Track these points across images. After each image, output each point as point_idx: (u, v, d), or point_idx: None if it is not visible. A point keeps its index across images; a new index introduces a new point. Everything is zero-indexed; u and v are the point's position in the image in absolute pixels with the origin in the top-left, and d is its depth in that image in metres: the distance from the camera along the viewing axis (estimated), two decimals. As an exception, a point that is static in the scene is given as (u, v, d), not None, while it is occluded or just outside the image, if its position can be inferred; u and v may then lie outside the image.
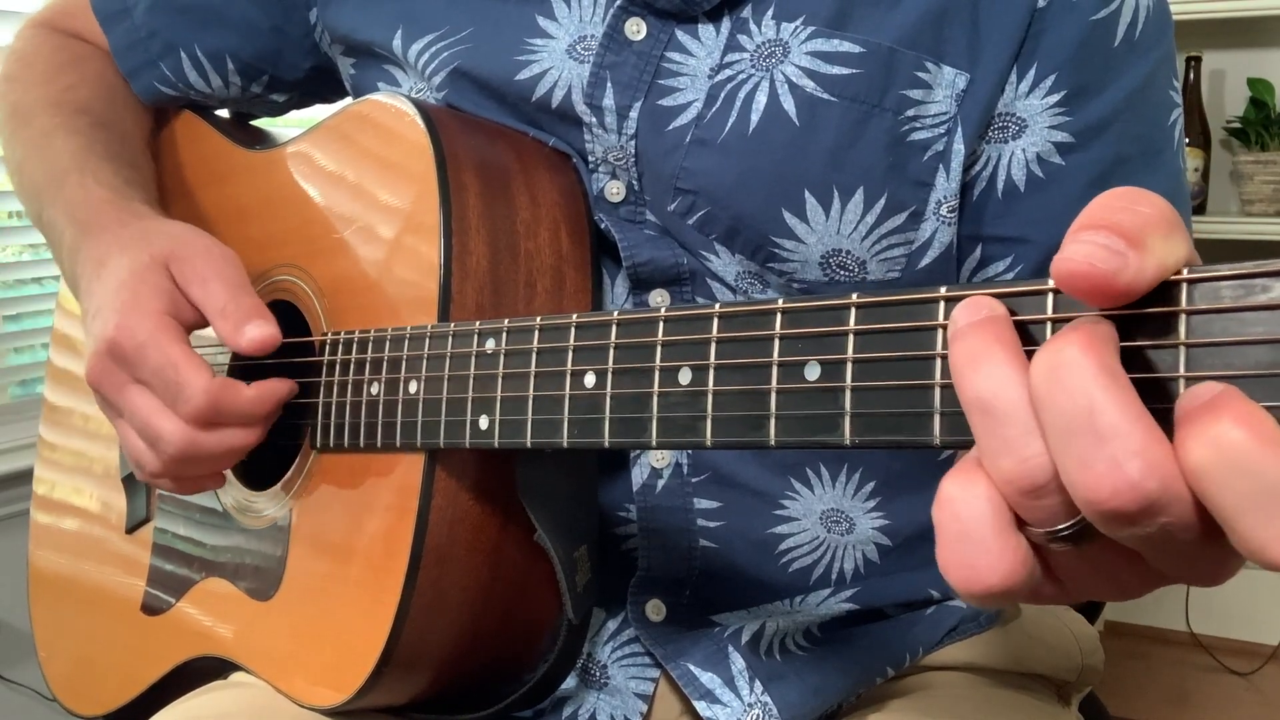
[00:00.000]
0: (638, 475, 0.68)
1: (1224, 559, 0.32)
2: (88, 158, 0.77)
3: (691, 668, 0.68)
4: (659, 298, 0.68)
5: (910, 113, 0.63)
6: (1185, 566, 0.33)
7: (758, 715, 0.66)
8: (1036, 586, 0.35)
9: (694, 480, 0.68)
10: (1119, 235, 0.31)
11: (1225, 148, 2.29)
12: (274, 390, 0.66)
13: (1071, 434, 0.30)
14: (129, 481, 0.86)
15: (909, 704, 0.70)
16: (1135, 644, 2.38)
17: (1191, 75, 2.20)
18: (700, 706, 0.67)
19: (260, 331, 0.64)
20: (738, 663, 0.68)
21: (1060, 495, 0.32)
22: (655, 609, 0.69)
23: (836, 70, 0.63)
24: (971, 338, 0.33)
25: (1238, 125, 2.21)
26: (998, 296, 0.35)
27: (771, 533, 0.69)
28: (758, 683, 0.67)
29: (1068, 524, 0.32)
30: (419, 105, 0.66)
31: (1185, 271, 0.31)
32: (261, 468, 0.74)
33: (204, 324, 0.67)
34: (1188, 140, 2.18)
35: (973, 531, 0.33)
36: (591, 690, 0.70)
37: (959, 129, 0.64)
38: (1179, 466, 0.29)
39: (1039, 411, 0.31)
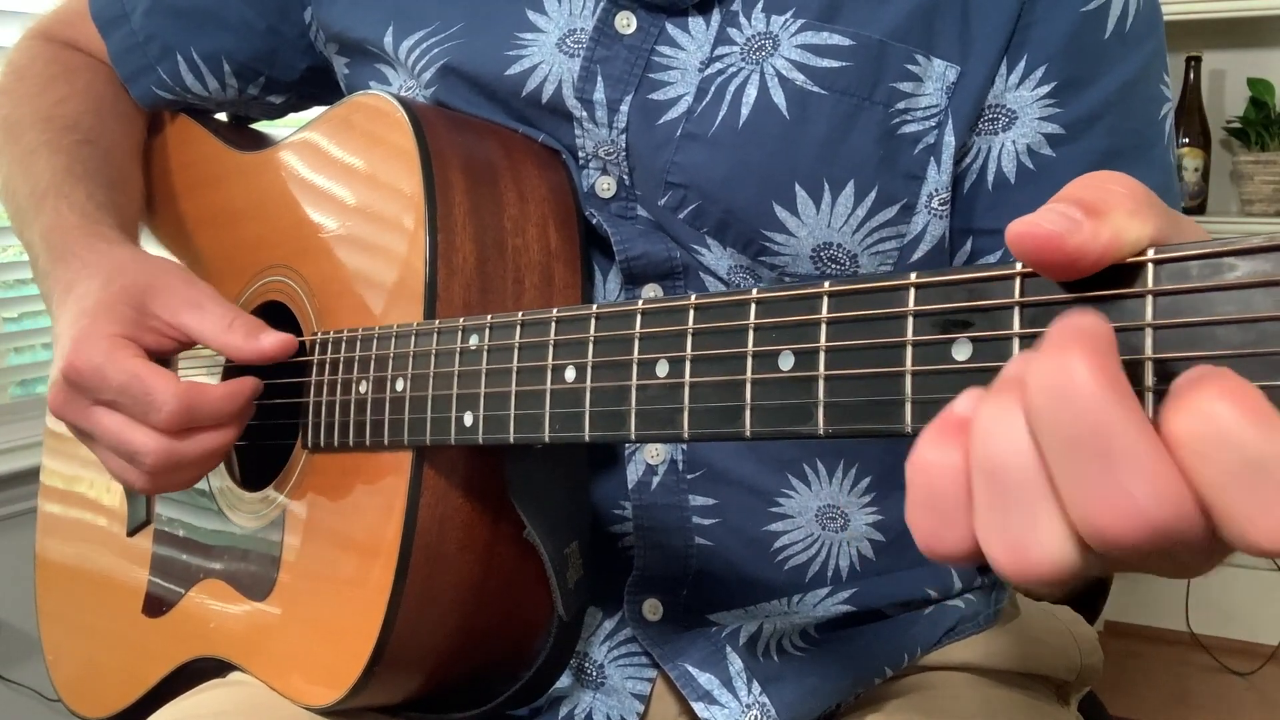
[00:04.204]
0: (633, 472, 0.68)
1: (1209, 552, 0.31)
2: (65, 179, 0.77)
3: (689, 668, 0.68)
4: (652, 292, 0.68)
5: (901, 105, 0.63)
6: (1165, 562, 0.32)
7: (756, 716, 0.66)
8: None
9: (689, 477, 0.68)
10: (1077, 205, 0.31)
11: (1225, 148, 2.28)
12: (243, 387, 0.67)
13: (1076, 458, 0.29)
14: None
15: (908, 704, 0.70)
16: (1135, 644, 2.37)
17: (1191, 75, 2.19)
18: (698, 707, 0.67)
19: (275, 337, 0.66)
20: (735, 663, 0.68)
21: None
22: (652, 608, 0.69)
23: (826, 63, 0.63)
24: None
25: (1238, 125, 2.21)
26: (960, 282, 0.35)
27: (766, 530, 0.68)
28: (755, 683, 0.67)
29: None
30: (405, 103, 0.66)
31: (1151, 251, 0.31)
32: (258, 468, 0.75)
33: (172, 349, 0.69)
34: (1188, 140, 2.18)
35: (942, 504, 0.32)
36: (588, 690, 0.70)
37: (950, 121, 0.64)
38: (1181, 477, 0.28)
39: (1036, 430, 0.29)
